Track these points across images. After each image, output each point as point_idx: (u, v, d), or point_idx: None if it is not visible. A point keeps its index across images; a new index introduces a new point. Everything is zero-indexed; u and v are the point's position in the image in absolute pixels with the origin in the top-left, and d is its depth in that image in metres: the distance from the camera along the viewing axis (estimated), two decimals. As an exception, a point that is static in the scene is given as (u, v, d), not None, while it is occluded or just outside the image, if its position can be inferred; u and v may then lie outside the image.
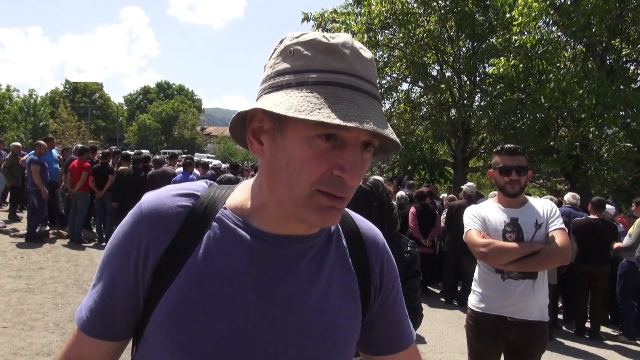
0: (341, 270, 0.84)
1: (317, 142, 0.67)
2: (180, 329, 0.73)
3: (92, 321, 0.79)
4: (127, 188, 7.63)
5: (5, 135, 30.44)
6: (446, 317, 6.21)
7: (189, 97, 70.09)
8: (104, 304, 0.79)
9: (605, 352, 5.51)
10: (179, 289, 0.74)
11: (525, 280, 2.47)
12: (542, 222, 2.49)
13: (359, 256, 0.88)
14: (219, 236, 0.77)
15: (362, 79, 0.70)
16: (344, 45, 0.70)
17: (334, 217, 0.72)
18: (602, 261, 5.98)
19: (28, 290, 5.30)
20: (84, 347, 0.81)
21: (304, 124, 0.67)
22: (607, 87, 9.65)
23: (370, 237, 0.91)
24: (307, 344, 0.77)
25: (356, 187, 0.73)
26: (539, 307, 2.51)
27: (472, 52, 14.05)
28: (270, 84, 0.72)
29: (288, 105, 0.66)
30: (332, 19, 15.27)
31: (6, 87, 40.79)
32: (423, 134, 16.73)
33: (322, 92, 0.67)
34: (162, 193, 0.81)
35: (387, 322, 0.93)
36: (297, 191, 0.70)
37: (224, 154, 43.03)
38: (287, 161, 0.70)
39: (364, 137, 0.69)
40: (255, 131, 0.75)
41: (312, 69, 0.69)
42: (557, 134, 11.52)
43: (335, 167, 0.68)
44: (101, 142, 40.63)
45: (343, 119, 0.63)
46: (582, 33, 10.07)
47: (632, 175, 11.78)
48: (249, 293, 0.74)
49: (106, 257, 0.80)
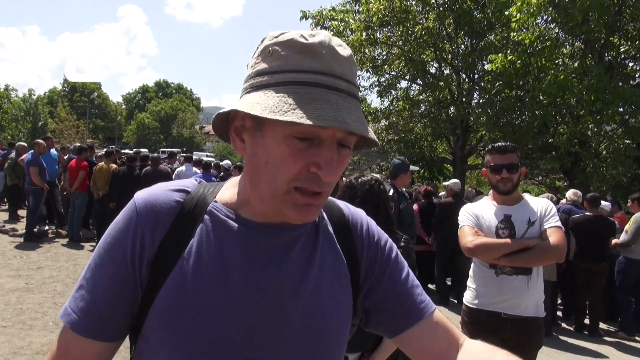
0: (331, 255, 0.85)
1: (294, 141, 0.70)
2: (178, 321, 0.74)
3: (86, 321, 0.77)
4: (122, 187, 7.58)
5: (4, 134, 30.39)
6: (445, 314, 6.21)
7: (188, 95, 70.04)
8: (98, 303, 0.77)
9: (604, 348, 5.53)
10: (175, 283, 0.75)
11: (519, 276, 2.48)
12: (535, 220, 2.50)
13: (344, 238, 0.89)
14: (211, 228, 0.78)
15: (339, 78, 0.72)
16: (320, 44, 0.72)
17: (311, 213, 0.74)
18: (600, 258, 5.99)
19: (27, 290, 5.30)
20: (75, 348, 0.79)
21: (280, 123, 0.69)
22: (606, 84, 9.64)
23: (353, 218, 0.93)
24: (303, 331, 0.79)
25: (334, 184, 0.75)
26: (534, 303, 2.51)
27: (470, 50, 14.03)
28: (251, 84, 0.75)
29: (264, 106, 0.68)
30: (331, 16, 15.25)
31: (4, 86, 40.73)
32: (422, 132, 16.71)
33: (297, 92, 0.68)
34: (154, 189, 0.82)
35: (394, 292, 0.89)
36: (275, 187, 0.72)
37: (222, 152, 42.99)
38: (266, 159, 0.73)
39: (339, 134, 0.71)
40: (237, 129, 0.78)
41: (289, 69, 0.71)
42: (555, 130, 11.52)
43: (311, 165, 0.70)
44: (100, 142, 40.58)
45: (316, 120, 0.65)
46: (581, 29, 10.07)
47: (631, 172, 11.80)
48: (243, 283, 0.76)
49: (99, 254, 0.79)
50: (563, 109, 11.55)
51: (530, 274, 2.49)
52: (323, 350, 0.81)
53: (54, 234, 8.45)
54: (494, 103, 12.10)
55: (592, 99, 9.71)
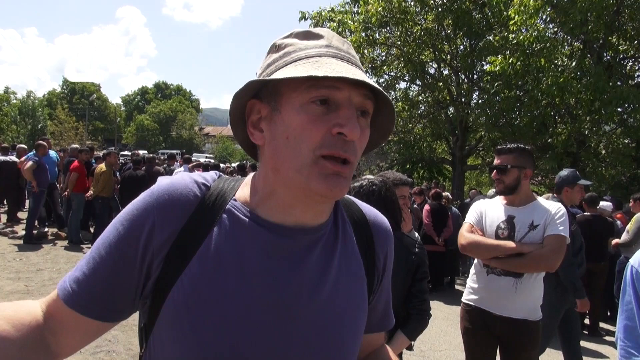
0: (349, 258, 0.85)
1: (312, 107, 0.71)
2: (195, 320, 0.73)
3: (78, 295, 0.76)
4: (130, 191, 7.61)
5: (3, 136, 30.35)
6: (446, 314, 6.22)
7: (187, 97, 70.03)
8: (95, 280, 0.76)
9: (604, 348, 5.53)
10: (192, 280, 0.73)
11: (507, 278, 2.48)
12: (538, 224, 2.45)
13: (365, 243, 0.89)
14: (229, 228, 0.77)
15: (343, 51, 0.77)
16: (321, 29, 0.79)
17: (339, 184, 0.73)
18: (600, 257, 6.00)
19: (27, 292, 5.29)
20: (61, 315, 0.77)
21: (296, 92, 0.71)
22: (605, 84, 9.66)
23: (377, 224, 0.93)
24: (320, 334, 0.78)
25: (358, 152, 0.75)
26: (524, 307, 2.48)
27: (469, 50, 14.04)
28: (263, 76, 0.78)
29: (278, 76, 0.72)
30: (330, 17, 15.26)
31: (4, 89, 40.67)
32: (421, 132, 16.72)
33: (308, 62, 0.72)
34: (176, 179, 0.80)
35: (382, 302, 0.97)
36: (301, 160, 0.72)
37: (222, 153, 42.99)
38: (287, 134, 0.73)
39: (355, 97, 0.72)
40: (254, 123, 0.79)
41: (296, 50, 0.76)
42: (554, 130, 11.54)
43: (333, 126, 0.71)
44: (99, 143, 40.53)
45: (330, 73, 0.68)
46: (579, 30, 10.08)
47: (630, 171, 11.82)
48: (261, 286, 0.75)
49: (110, 234, 0.77)
50: (562, 109, 11.56)
51: (520, 277, 2.46)
52: (339, 354, 0.81)
53: (54, 236, 8.44)
54: (493, 103, 12.11)
55: (590, 99, 9.72)
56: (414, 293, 2.14)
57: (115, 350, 3.92)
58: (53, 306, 0.79)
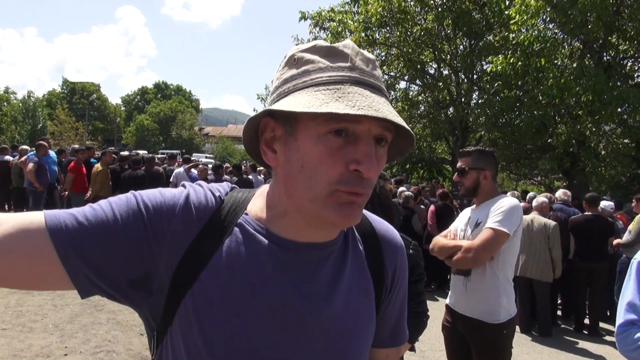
0: (358, 273, 0.85)
1: (329, 139, 0.68)
2: (207, 334, 0.72)
3: (66, 234, 0.67)
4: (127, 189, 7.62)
5: (3, 137, 30.35)
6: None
7: (187, 97, 69.99)
8: (93, 228, 0.68)
9: (604, 349, 5.52)
10: (202, 291, 0.72)
11: (457, 276, 2.60)
12: (481, 221, 2.51)
13: (374, 257, 0.88)
14: (240, 241, 0.76)
15: (368, 75, 0.72)
16: (345, 46, 0.73)
17: (354, 213, 0.71)
18: (600, 257, 6.00)
19: (27, 292, 5.28)
20: (32, 249, 0.66)
21: (314, 122, 0.68)
22: (604, 84, 9.66)
23: (387, 238, 0.91)
24: (329, 348, 0.78)
25: (374, 181, 0.73)
26: (476, 307, 2.48)
27: (469, 50, 14.06)
28: (279, 93, 0.73)
29: (296, 105, 0.67)
30: (329, 17, 15.28)
31: (4, 89, 40.66)
32: (421, 132, 16.73)
33: (329, 89, 0.68)
34: (200, 189, 0.79)
35: (392, 318, 0.96)
36: (315, 192, 0.70)
37: (222, 154, 42.98)
38: (302, 163, 0.70)
39: (375, 129, 0.69)
40: (268, 141, 0.76)
41: (317, 69, 0.71)
42: (554, 131, 11.54)
43: (351, 162, 0.68)
44: (99, 143, 40.54)
45: (351, 109, 0.64)
46: (579, 30, 10.09)
47: (630, 171, 11.82)
48: (271, 300, 0.74)
49: (129, 201, 0.73)
50: (562, 109, 11.56)
51: (469, 276, 2.51)
52: None
53: (54, 236, 8.43)
54: (493, 103, 12.12)
55: (590, 99, 9.73)
56: (410, 296, 2.12)
57: (115, 350, 3.91)
58: (32, 231, 0.66)
